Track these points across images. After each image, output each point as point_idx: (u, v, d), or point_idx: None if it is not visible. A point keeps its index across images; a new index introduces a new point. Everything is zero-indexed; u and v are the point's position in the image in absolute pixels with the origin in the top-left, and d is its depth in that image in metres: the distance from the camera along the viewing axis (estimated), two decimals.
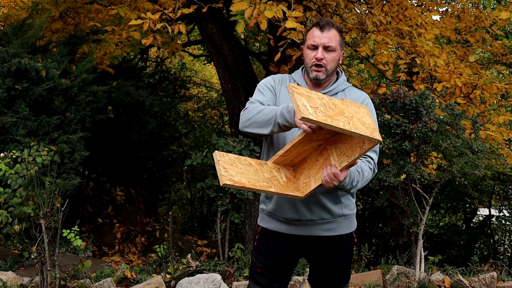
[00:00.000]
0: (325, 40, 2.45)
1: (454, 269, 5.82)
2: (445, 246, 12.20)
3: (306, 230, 2.54)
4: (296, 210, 2.51)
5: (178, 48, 7.51)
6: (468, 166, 5.32)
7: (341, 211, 2.56)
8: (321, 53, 2.46)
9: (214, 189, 5.96)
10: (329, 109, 2.09)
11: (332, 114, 2.08)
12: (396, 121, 5.28)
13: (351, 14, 7.06)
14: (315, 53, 2.48)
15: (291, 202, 2.49)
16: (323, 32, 2.46)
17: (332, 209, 2.53)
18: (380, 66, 6.21)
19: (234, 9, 4.45)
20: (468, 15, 6.84)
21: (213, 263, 5.70)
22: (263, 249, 2.63)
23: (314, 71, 2.49)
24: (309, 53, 2.50)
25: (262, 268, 2.62)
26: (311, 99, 2.08)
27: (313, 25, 2.51)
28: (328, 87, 2.55)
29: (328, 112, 2.07)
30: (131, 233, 8.32)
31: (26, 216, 4.49)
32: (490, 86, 6.27)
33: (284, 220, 2.55)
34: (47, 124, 5.60)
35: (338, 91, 2.56)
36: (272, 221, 2.60)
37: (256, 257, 2.66)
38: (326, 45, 2.46)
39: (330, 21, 2.51)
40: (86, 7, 7.18)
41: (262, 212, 2.67)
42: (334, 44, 2.47)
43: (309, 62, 2.51)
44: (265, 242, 2.64)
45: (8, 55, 5.54)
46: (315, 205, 2.50)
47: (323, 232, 2.55)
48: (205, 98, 13.69)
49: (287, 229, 2.56)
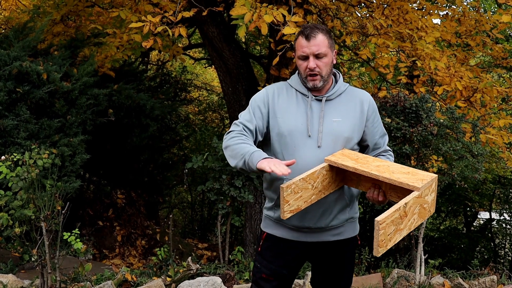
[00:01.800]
0: (313, 48, 2.42)
1: (454, 273, 5.81)
2: (445, 250, 12.18)
3: (315, 237, 2.54)
4: (307, 218, 2.49)
5: (179, 51, 7.52)
6: (468, 169, 5.32)
7: (348, 215, 2.58)
8: (313, 62, 2.44)
9: (214, 192, 5.96)
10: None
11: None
12: (397, 124, 5.28)
13: (351, 17, 7.08)
14: (307, 63, 2.45)
15: (302, 210, 2.46)
16: (310, 41, 2.42)
17: (341, 214, 2.54)
18: (381, 69, 6.21)
19: (234, 14, 4.46)
20: (468, 19, 6.85)
21: (213, 266, 5.70)
22: (269, 255, 2.61)
23: (310, 80, 2.47)
24: (301, 63, 2.48)
25: (268, 274, 2.60)
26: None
27: (299, 34, 2.48)
28: (330, 91, 2.53)
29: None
30: (131, 236, 8.32)
31: (26, 218, 4.49)
32: (490, 90, 6.28)
33: (292, 227, 2.54)
34: (48, 127, 5.61)
35: (340, 93, 2.55)
36: (280, 227, 2.58)
37: (261, 262, 2.63)
38: (315, 53, 2.43)
39: (314, 26, 2.48)
40: (88, 10, 7.20)
41: (268, 218, 2.64)
42: (324, 50, 2.44)
43: (303, 72, 2.49)
44: (271, 248, 2.61)
45: (9, 58, 5.56)
46: (326, 212, 2.49)
47: (331, 237, 2.55)
48: (206, 101, 13.71)
49: (295, 236, 2.55)
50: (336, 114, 2.49)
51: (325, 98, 2.50)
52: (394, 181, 2.21)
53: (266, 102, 2.53)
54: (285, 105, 2.50)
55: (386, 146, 2.63)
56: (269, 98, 2.54)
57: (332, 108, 2.50)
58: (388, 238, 2.04)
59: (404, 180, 2.20)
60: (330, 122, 2.46)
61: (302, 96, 2.52)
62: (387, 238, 2.03)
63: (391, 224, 2.03)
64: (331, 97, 2.51)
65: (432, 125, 5.25)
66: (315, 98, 2.50)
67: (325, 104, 2.50)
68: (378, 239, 1.99)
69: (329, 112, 2.48)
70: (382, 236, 2.00)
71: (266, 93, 2.56)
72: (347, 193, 2.54)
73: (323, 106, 2.48)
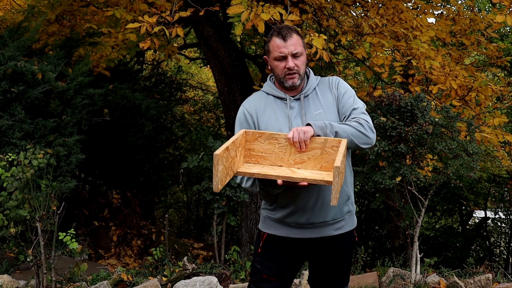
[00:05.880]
0: (291, 48, 2.47)
1: (449, 271, 5.83)
2: (441, 248, 12.24)
3: (318, 232, 2.55)
4: (310, 215, 2.50)
5: (175, 51, 7.52)
6: (463, 168, 5.33)
7: (348, 207, 2.60)
8: (291, 61, 2.48)
9: (210, 192, 5.96)
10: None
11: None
12: (392, 123, 5.29)
13: (347, 17, 7.08)
14: (285, 63, 2.49)
15: (305, 207, 2.49)
16: (287, 41, 2.47)
17: (342, 207, 2.56)
18: (376, 69, 6.22)
19: (230, 12, 4.47)
20: (463, 18, 6.87)
21: (209, 265, 5.69)
22: (270, 256, 2.62)
23: (289, 79, 2.51)
24: (278, 64, 2.51)
25: (269, 274, 2.60)
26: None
27: (273, 36, 2.51)
28: (305, 88, 2.58)
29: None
30: (127, 236, 8.31)
31: (22, 219, 4.48)
32: (485, 89, 6.30)
33: (295, 225, 2.54)
34: (43, 127, 5.59)
35: (314, 87, 2.60)
36: (282, 227, 2.58)
37: (261, 263, 2.63)
38: (293, 53, 2.48)
39: (288, 26, 2.54)
40: (82, 10, 7.18)
41: (268, 219, 2.63)
42: (300, 49, 2.49)
43: (280, 72, 2.52)
44: (273, 248, 2.61)
45: (4, 58, 5.54)
46: (328, 206, 2.50)
47: (334, 231, 2.56)
48: (201, 101, 13.70)
49: (298, 233, 2.55)
50: (316, 107, 2.54)
51: (303, 95, 2.55)
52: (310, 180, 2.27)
53: (249, 119, 2.58)
54: (267, 116, 2.55)
55: (360, 114, 2.53)
56: (251, 115, 2.59)
57: (312, 102, 2.55)
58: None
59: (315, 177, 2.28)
60: (313, 116, 2.51)
61: (281, 100, 2.57)
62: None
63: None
64: (308, 93, 2.57)
65: (427, 124, 5.26)
66: (294, 98, 2.55)
67: (304, 101, 2.55)
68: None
69: (310, 107, 2.54)
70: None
71: (245, 111, 2.61)
72: (346, 185, 2.56)
73: (302, 103, 2.54)
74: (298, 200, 2.48)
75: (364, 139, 2.44)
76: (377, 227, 11.90)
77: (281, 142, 2.41)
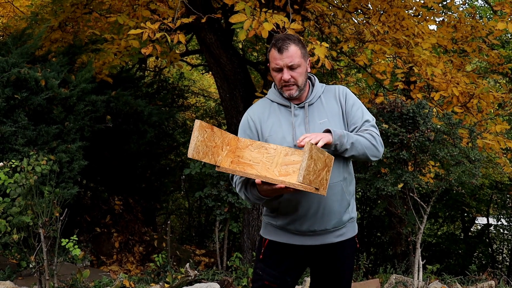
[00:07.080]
0: (286, 60, 2.44)
1: (452, 278, 5.82)
2: (443, 255, 12.20)
3: (320, 239, 2.55)
4: (311, 223, 2.50)
5: (177, 57, 7.54)
6: (465, 175, 5.33)
7: (349, 214, 2.60)
8: (287, 74, 2.47)
9: (212, 198, 5.96)
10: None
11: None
12: (394, 130, 5.30)
13: (348, 24, 7.11)
14: (281, 74, 2.48)
15: (306, 215, 2.49)
16: (283, 53, 2.44)
17: (343, 214, 2.55)
18: (378, 75, 6.24)
19: (233, 21, 4.49)
20: (464, 25, 6.89)
21: (211, 272, 5.69)
22: (272, 262, 2.62)
23: (286, 91, 2.51)
24: (276, 75, 2.51)
25: (271, 281, 2.61)
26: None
27: (271, 46, 2.50)
28: (309, 96, 2.57)
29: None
30: (129, 242, 8.31)
31: (24, 225, 4.49)
32: (487, 95, 6.31)
33: (297, 232, 2.55)
34: (46, 133, 5.61)
35: (319, 95, 2.58)
36: (284, 234, 2.58)
37: (263, 270, 2.63)
38: (289, 65, 2.45)
39: (286, 37, 2.50)
40: (85, 17, 7.22)
41: (270, 225, 2.63)
42: (297, 60, 2.46)
43: (278, 83, 2.53)
44: (275, 254, 2.62)
45: (7, 65, 5.57)
46: (329, 214, 2.50)
47: (335, 238, 2.57)
48: (203, 108, 13.70)
49: (300, 240, 2.55)
50: (320, 115, 2.53)
51: (307, 103, 2.54)
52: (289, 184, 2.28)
53: (252, 126, 2.58)
54: (270, 123, 2.54)
55: (371, 127, 2.56)
56: (254, 122, 2.58)
57: (316, 111, 2.54)
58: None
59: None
60: (317, 125, 2.50)
61: (285, 108, 2.56)
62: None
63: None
64: (313, 101, 2.56)
65: (429, 131, 5.27)
66: (298, 106, 2.55)
67: (308, 109, 2.54)
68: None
69: (314, 116, 2.53)
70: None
71: (249, 119, 2.60)
72: (347, 193, 2.56)
73: (306, 112, 2.53)
74: (300, 208, 2.48)
75: (375, 152, 2.49)
76: (379, 233, 11.88)
77: (270, 152, 2.42)
